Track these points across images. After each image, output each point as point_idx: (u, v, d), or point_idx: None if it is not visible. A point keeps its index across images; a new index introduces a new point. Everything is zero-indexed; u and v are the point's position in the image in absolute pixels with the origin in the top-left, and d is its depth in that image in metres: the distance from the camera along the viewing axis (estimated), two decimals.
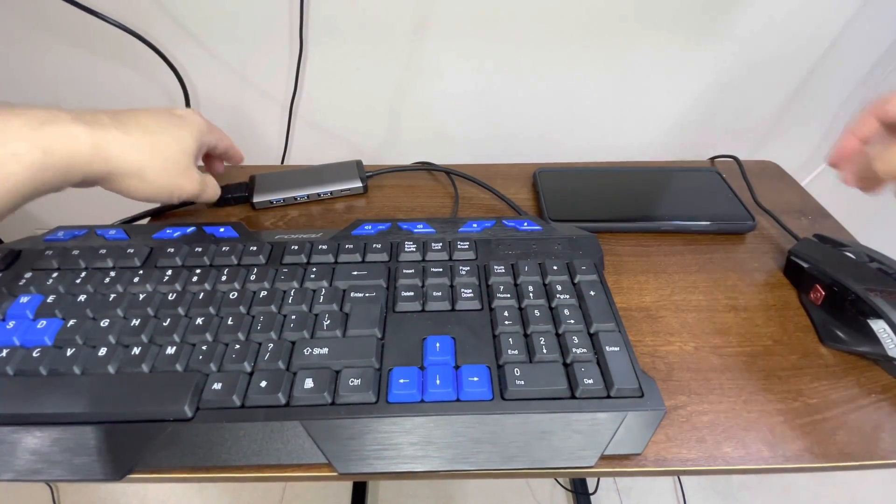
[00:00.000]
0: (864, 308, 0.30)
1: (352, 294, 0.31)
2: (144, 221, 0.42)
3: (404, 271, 0.33)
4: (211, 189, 0.38)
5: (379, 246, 0.35)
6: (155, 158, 0.32)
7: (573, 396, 0.26)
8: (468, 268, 0.33)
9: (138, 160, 0.31)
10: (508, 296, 0.31)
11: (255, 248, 0.34)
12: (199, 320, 0.29)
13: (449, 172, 0.47)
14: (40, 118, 0.27)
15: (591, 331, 0.29)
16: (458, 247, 0.35)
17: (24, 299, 0.30)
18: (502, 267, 0.33)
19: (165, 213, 0.43)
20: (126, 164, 0.30)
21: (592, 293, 0.31)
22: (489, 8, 0.49)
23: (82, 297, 0.30)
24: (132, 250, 0.34)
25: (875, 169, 0.29)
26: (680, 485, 0.87)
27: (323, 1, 0.48)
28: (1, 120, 0.26)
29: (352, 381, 0.26)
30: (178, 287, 0.31)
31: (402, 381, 0.26)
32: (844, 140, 0.32)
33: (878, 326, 0.29)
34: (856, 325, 0.30)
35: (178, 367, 0.27)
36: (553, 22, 0.50)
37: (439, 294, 0.31)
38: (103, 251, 0.33)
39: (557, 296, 0.31)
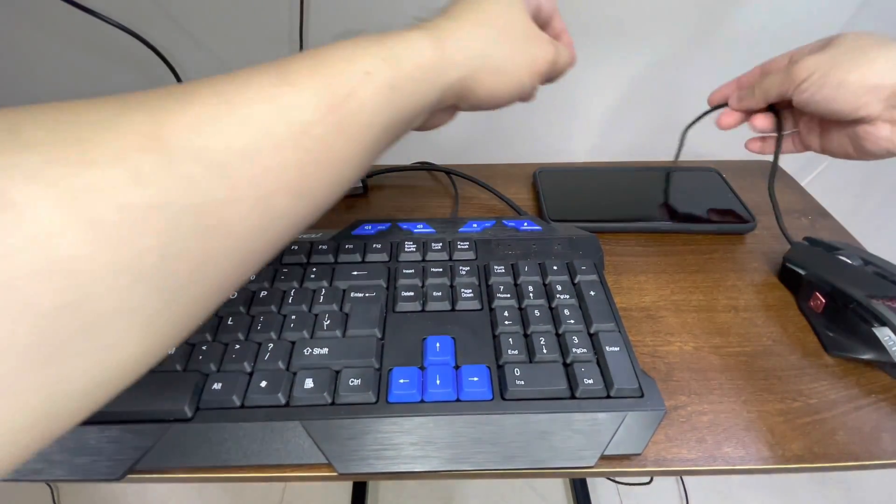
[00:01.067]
0: (867, 316, 0.29)
1: (352, 294, 0.31)
2: None
3: (404, 271, 0.33)
4: (564, 52, 0.29)
5: (379, 246, 0.35)
6: (501, 37, 0.26)
7: (573, 396, 0.26)
8: (468, 268, 0.33)
9: (484, 48, 0.25)
10: (508, 296, 0.31)
11: None
12: None
13: (449, 172, 0.47)
14: (376, 36, 0.22)
15: (591, 331, 0.29)
16: (458, 247, 0.35)
17: None
18: (502, 267, 0.33)
19: None
20: (476, 58, 0.25)
21: (592, 293, 0.31)
22: None
23: None
24: None
25: (771, 86, 0.34)
26: (682, 484, 0.87)
27: (323, 1, 0.48)
28: (341, 44, 0.21)
29: (352, 381, 0.26)
30: None
31: (402, 381, 0.26)
32: (726, 85, 0.39)
33: (884, 334, 0.28)
34: (860, 334, 0.30)
35: (178, 367, 0.27)
36: None
37: (439, 294, 0.31)
38: None
39: (557, 296, 0.31)
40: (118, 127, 0.15)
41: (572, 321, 0.29)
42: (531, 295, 0.31)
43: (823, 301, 0.32)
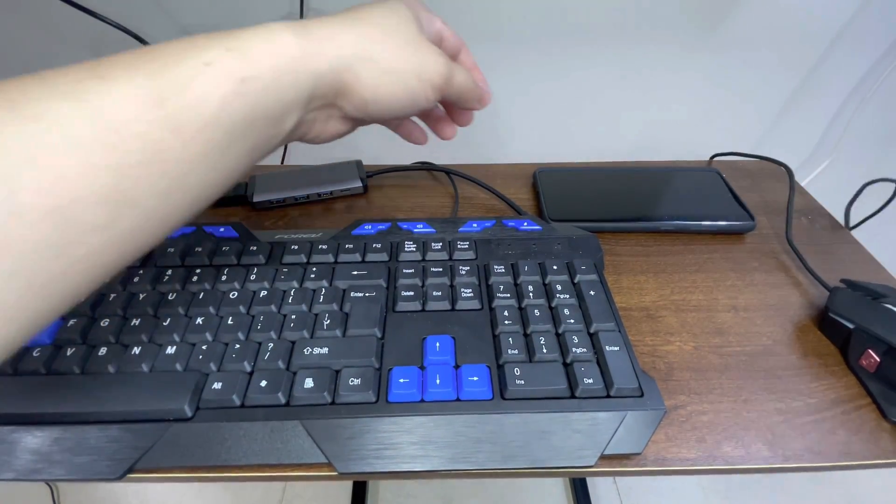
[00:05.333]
0: None
1: (352, 294, 0.31)
2: None
3: (404, 271, 0.33)
4: (462, 74, 0.28)
5: (379, 246, 0.35)
6: (382, 37, 0.24)
7: (573, 396, 0.26)
8: (468, 267, 0.33)
9: (361, 43, 0.23)
10: (508, 295, 0.31)
11: (255, 248, 0.34)
12: (199, 320, 0.29)
13: (449, 172, 0.47)
14: (228, 31, 0.21)
15: (591, 330, 0.29)
16: (458, 246, 0.35)
17: None
18: (502, 267, 0.33)
19: None
20: (351, 51, 0.23)
21: (592, 293, 0.31)
22: (488, 9, 0.49)
23: None
24: None
25: None
26: (679, 484, 0.87)
27: (323, 1, 0.48)
28: (182, 39, 0.20)
29: (352, 381, 0.26)
30: (178, 286, 0.31)
31: (402, 380, 0.26)
32: None
33: None
34: None
35: (178, 367, 0.27)
36: (553, 22, 0.50)
37: (439, 294, 0.31)
38: None
39: (557, 295, 0.31)
40: None
41: (572, 321, 0.29)
42: (531, 294, 0.31)
43: (878, 360, 0.29)
